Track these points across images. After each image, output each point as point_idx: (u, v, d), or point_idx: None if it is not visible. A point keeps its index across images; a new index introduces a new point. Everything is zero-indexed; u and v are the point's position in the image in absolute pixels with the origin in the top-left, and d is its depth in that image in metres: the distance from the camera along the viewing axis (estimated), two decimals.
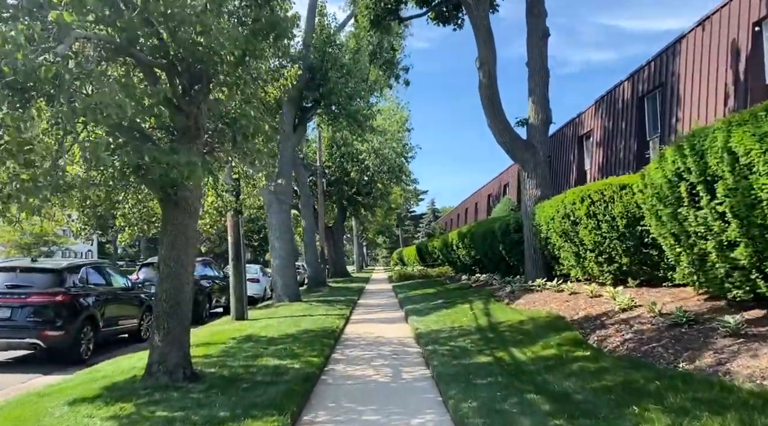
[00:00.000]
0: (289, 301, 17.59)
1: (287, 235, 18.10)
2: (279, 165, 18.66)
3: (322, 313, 14.53)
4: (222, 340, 10.76)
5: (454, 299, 15.50)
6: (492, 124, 13.67)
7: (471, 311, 12.27)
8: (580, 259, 10.95)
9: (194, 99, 6.66)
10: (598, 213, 9.90)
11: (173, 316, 6.66)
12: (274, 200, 18.09)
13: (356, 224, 62.23)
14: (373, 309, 16.76)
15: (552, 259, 12.81)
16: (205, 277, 17.23)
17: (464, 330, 9.84)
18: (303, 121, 19.92)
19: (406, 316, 13.54)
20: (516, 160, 13.87)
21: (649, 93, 18.14)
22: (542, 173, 13.71)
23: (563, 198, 11.11)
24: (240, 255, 14.45)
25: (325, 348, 9.19)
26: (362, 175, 37.95)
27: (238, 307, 14.30)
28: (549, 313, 9.81)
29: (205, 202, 11.33)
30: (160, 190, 6.58)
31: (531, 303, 11.54)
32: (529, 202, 13.72)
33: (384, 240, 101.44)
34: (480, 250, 18.98)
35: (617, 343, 6.74)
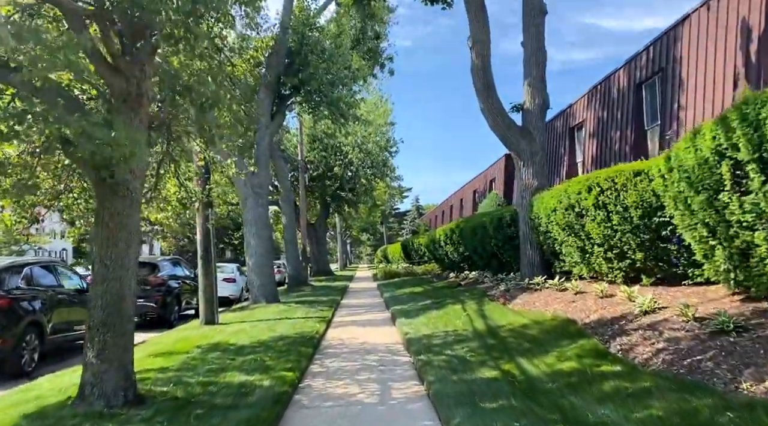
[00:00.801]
0: (266, 303, 16.34)
1: (264, 232, 16.84)
2: (256, 155, 17.41)
3: (301, 316, 13.32)
4: (185, 348, 9.52)
5: (444, 299, 14.38)
6: (485, 108, 12.56)
7: (464, 313, 11.16)
8: (586, 254, 9.89)
9: (136, 58, 5.41)
10: (608, 203, 8.83)
11: (111, 328, 5.42)
12: (250, 194, 16.81)
13: (340, 221, 60.96)
14: (358, 310, 15.58)
15: (551, 255, 11.74)
16: (174, 277, 15.90)
17: (460, 335, 8.71)
18: (281, 109, 18.63)
19: (394, 318, 12.39)
20: (511, 149, 12.78)
21: (647, 80, 17.19)
22: (539, 162, 12.64)
23: (566, 187, 10.04)
24: (209, 253, 13.17)
25: (301, 358, 8.00)
26: (346, 170, 36.72)
27: (207, 310, 13.02)
28: (555, 315, 8.72)
29: (166, 192, 10.05)
30: (92, 172, 5.33)
31: (530, 303, 10.46)
32: (525, 194, 12.64)
33: (368, 237, 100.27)
34: (469, 247, 17.90)
35: (648, 354, 5.64)
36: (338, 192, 38.07)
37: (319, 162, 35.88)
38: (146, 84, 5.49)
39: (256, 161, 17.28)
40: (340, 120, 18.65)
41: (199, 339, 10.60)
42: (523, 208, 12.70)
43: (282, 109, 18.75)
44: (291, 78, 17.64)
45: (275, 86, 17.73)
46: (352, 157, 35.43)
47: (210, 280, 13.14)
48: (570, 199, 9.80)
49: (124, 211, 5.47)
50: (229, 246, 66.03)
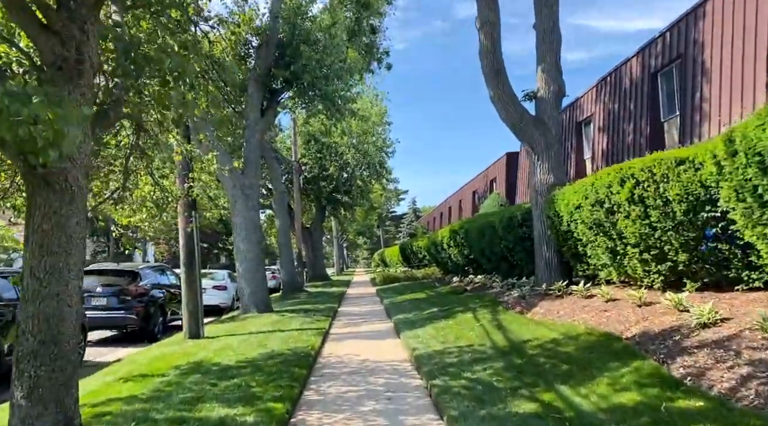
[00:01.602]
0: (257, 312, 15.12)
1: (255, 236, 15.63)
2: (245, 154, 16.25)
3: (295, 327, 12.11)
4: (162, 370, 8.31)
5: (452, 306, 13.20)
6: (495, 96, 11.41)
7: (477, 323, 9.98)
8: (617, 256, 8.72)
9: (76, 15, 4.22)
10: (645, 197, 7.68)
11: (46, 359, 4.20)
12: (239, 195, 15.60)
13: (335, 224, 59.75)
14: (357, 319, 14.38)
15: (572, 258, 10.58)
16: (158, 285, 14.66)
17: (477, 351, 7.52)
18: (272, 105, 17.45)
19: (397, 330, 11.20)
20: (524, 140, 11.63)
21: (663, 68, 16.09)
22: (555, 155, 11.49)
23: (593, 180, 8.88)
24: (193, 260, 11.95)
25: (294, 383, 6.79)
26: (341, 172, 35.52)
27: (191, 323, 11.80)
28: (589, 328, 7.54)
29: (140, 192, 8.85)
30: (17, 157, 4.13)
31: (553, 313, 9.28)
32: (540, 190, 11.49)
33: (364, 241, 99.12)
34: (476, 249, 16.73)
35: (731, 382, 4.48)
36: (334, 194, 36.89)
37: (314, 163, 34.69)
38: (88, 48, 4.29)
39: (246, 160, 16.10)
40: (336, 115, 17.47)
41: (179, 357, 9.39)
42: (537, 205, 11.55)
43: (273, 104, 17.57)
44: (282, 71, 16.46)
45: (265, 80, 16.55)
46: (347, 157, 34.25)
47: (194, 290, 11.92)
48: (598, 193, 8.64)
49: (62, 210, 4.26)
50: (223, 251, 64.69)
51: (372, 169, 37.49)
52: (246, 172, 15.95)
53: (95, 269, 14.79)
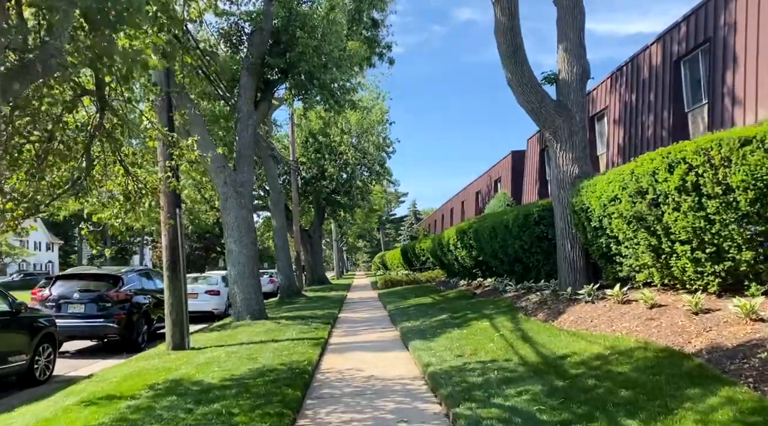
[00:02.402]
0: (251, 320, 13.91)
1: (248, 237, 14.42)
2: (237, 148, 15.09)
3: (291, 337, 10.91)
4: (134, 389, 7.12)
5: (463, 313, 12.01)
6: (513, 79, 10.24)
7: (497, 333, 8.78)
8: (661, 255, 7.53)
9: None
10: (702, 185, 6.49)
11: None
12: (231, 193, 14.41)
13: (335, 227, 58.56)
14: (358, 327, 13.17)
15: (602, 258, 9.37)
16: (143, 291, 13.47)
17: (505, 368, 6.33)
18: (267, 97, 16.28)
19: (405, 340, 10.00)
20: (545, 128, 10.46)
21: (687, 54, 14.93)
22: (580, 143, 10.31)
23: (633, 167, 7.69)
24: (177, 263, 10.76)
25: (286, 411, 5.59)
26: (341, 172, 34.35)
27: (175, 333, 10.60)
28: (639, 340, 6.33)
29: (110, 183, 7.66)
30: None
31: (585, 321, 8.09)
32: (563, 183, 10.30)
33: (365, 244, 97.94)
34: (486, 250, 15.53)
35: None
36: (333, 195, 35.72)
37: (313, 163, 33.51)
38: None
39: (238, 156, 14.93)
40: (335, 107, 16.29)
41: (157, 373, 8.19)
42: (560, 200, 10.36)
43: (267, 96, 16.40)
44: (277, 59, 15.29)
45: (259, 69, 15.38)
46: (347, 157, 33.07)
47: (178, 297, 10.72)
48: (640, 182, 7.45)
49: None
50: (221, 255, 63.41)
51: (372, 169, 36.34)
52: (238, 168, 14.77)
53: (73, 274, 13.59)
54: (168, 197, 10.77)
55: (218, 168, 14.47)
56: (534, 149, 28.16)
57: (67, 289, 12.65)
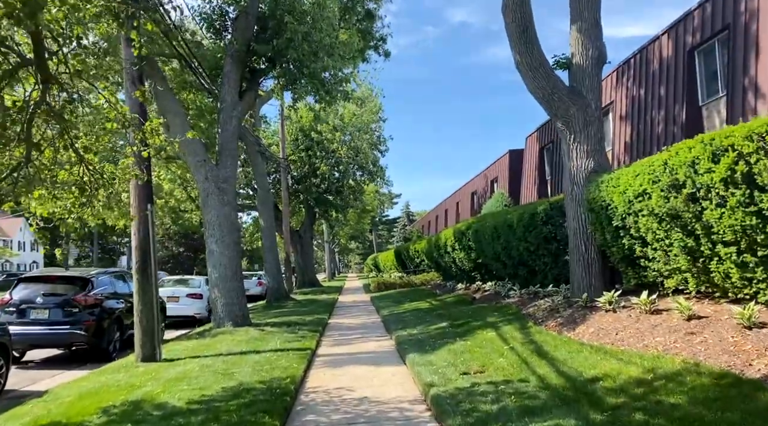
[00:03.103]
0: (232, 326, 12.81)
1: (231, 236, 13.33)
2: (219, 141, 14.01)
3: (275, 348, 9.85)
4: (86, 413, 6.07)
5: (465, 320, 10.98)
6: (522, 61, 9.23)
7: (506, 345, 7.75)
8: (699, 258, 6.53)
9: None
10: (757, 173, 5.50)
11: None
12: (212, 189, 13.32)
13: (327, 228, 57.44)
14: (350, 335, 12.11)
15: (623, 261, 8.36)
16: (116, 295, 12.34)
17: (523, 393, 5.30)
18: (253, 86, 15.19)
19: (401, 351, 8.96)
20: (557, 117, 9.45)
21: (702, 44, 14.02)
22: (596, 134, 9.31)
23: (666, 158, 6.69)
24: (148, 264, 9.66)
25: None
26: (333, 170, 33.26)
27: (145, 343, 9.50)
28: (688, 361, 5.30)
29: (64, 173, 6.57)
30: None
31: (609, 333, 7.08)
32: (577, 178, 9.30)
33: (357, 245, 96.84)
34: (487, 252, 14.52)
35: None
36: (324, 195, 34.62)
37: (304, 161, 32.40)
38: None
39: (221, 149, 13.84)
40: (326, 98, 15.22)
41: (117, 392, 7.12)
42: (573, 197, 9.36)
43: (254, 86, 15.31)
44: (264, 46, 14.22)
45: (244, 56, 14.30)
46: (340, 154, 31.98)
47: (149, 302, 9.62)
48: (675, 174, 6.45)
49: None
50: None
51: (365, 168, 35.27)
52: (221, 162, 13.68)
53: (37, 276, 12.44)
54: (138, 191, 9.69)
55: (198, 162, 13.39)
56: (533, 148, 27.23)
57: (30, 293, 11.50)
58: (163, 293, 18.15)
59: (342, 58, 15.64)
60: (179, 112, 13.62)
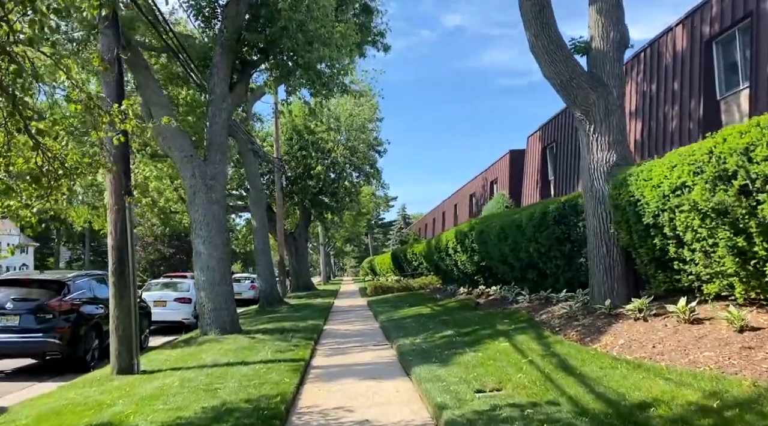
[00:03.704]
0: (221, 333, 11.91)
1: (218, 237, 12.44)
2: (208, 136, 13.12)
3: (265, 358, 8.97)
4: None
5: (472, 328, 10.11)
6: (537, 43, 8.41)
7: (524, 358, 6.89)
8: (751, 260, 5.69)
9: None
10: None
11: None
12: (199, 187, 12.43)
13: (322, 230, 56.52)
14: (347, 343, 11.23)
15: (653, 263, 7.52)
16: (95, 300, 11.43)
17: (556, 420, 4.44)
18: (244, 79, 14.33)
19: (405, 363, 8.09)
20: (575, 105, 8.63)
21: (721, 34, 13.26)
22: (618, 125, 8.49)
23: (712, 145, 5.85)
24: (125, 266, 8.77)
25: None
26: (328, 171, 32.38)
27: (121, 353, 8.61)
28: (760, 384, 4.45)
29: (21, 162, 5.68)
30: None
31: (644, 346, 6.22)
32: (597, 172, 8.48)
33: (352, 248, 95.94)
34: (493, 254, 13.68)
35: None
36: (319, 196, 33.73)
37: (298, 162, 31.50)
38: None
39: (209, 144, 12.96)
40: (322, 91, 14.37)
41: (84, 411, 6.24)
42: (593, 194, 8.53)
43: (245, 78, 14.46)
44: (256, 35, 13.37)
45: (234, 46, 13.44)
46: (336, 154, 31.11)
47: (127, 309, 8.73)
48: (723, 163, 5.62)
49: None
50: None
51: (362, 169, 34.39)
52: (209, 157, 12.80)
53: (7, 279, 11.51)
54: (115, 185, 8.81)
55: (185, 158, 12.50)
56: (535, 148, 26.46)
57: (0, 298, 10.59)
58: (149, 297, 17.29)
59: (339, 48, 14.78)
60: (165, 105, 12.75)
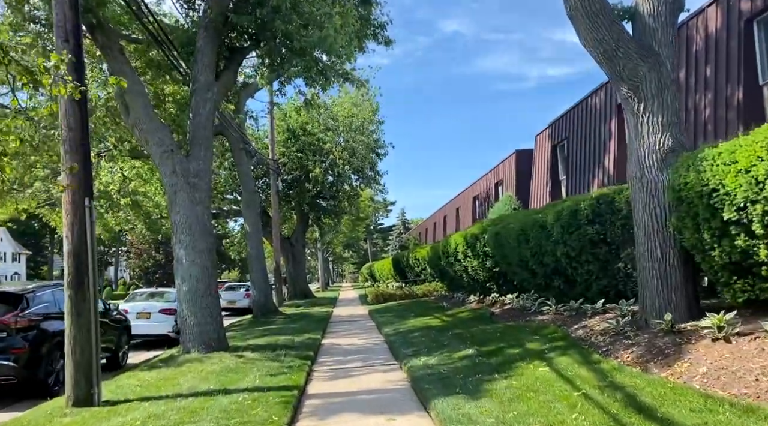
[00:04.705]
0: (205, 351, 10.44)
1: (203, 242, 10.98)
2: (191, 129, 11.73)
3: (252, 385, 7.51)
4: None
5: (495, 345, 8.64)
6: (578, 5, 7.02)
7: (575, 391, 5.45)
8: None
9: None
10: None
11: None
12: (181, 185, 11.00)
13: (320, 235, 55.05)
14: (349, 363, 9.74)
15: (727, 268, 6.08)
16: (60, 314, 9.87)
17: None
18: (232, 66, 12.90)
19: (419, 390, 6.64)
20: (621, 80, 7.23)
21: (763, 11, 11.89)
22: (672, 103, 7.11)
23: None
24: (84, 276, 7.31)
25: None
26: (327, 174, 30.94)
27: (79, 381, 7.14)
28: None
29: None
30: None
31: (742, 377, 4.80)
32: (648, 159, 7.07)
33: (351, 254, 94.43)
34: (511, 259, 12.24)
35: None
36: (317, 200, 32.29)
37: (295, 163, 30.06)
38: None
39: (192, 138, 11.53)
40: (320, 80, 12.95)
41: None
42: (644, 185, 7.12)
43: (233, 66, 13.03)
44: (245, 17, 11.94)
45: (221, 28, 12.05)
46: (334, 156, 29.68)
47: (85, 327, 7.26)
48: None
49: None
50: None
51: (362, 172, 32.92)
52: (192, 153, 11.37)
53: None
54: (71, 179, 7.37)
55: (164, 153, 11.07)
56: (544, 146, 25.07)
57: None
58: (132, 309, 15.82)
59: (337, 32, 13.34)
60: (141, 93, 11.34)
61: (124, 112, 11.62)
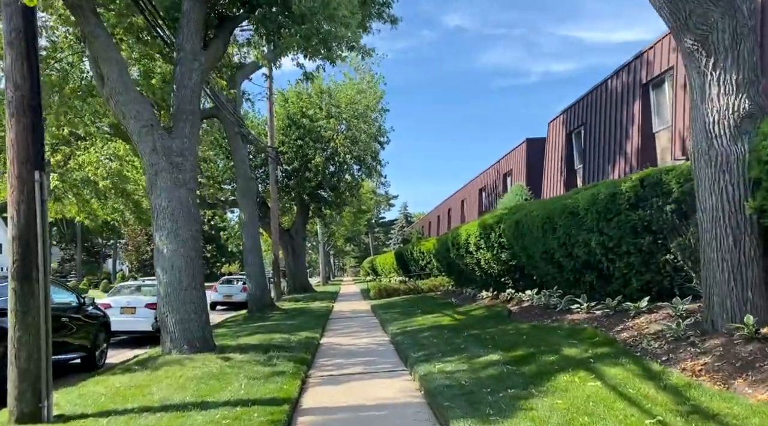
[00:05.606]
0: (188, 351, 9.21)
1: (187, 229, 9.72)
2: (175, 102, 10.44)
3: (235, 396, 6.26)
4: None
5: (526, 351, 7.35)
6: None
7: (648, 419, 4.19)
8: None
9: None
10: None
11: None
12: (163, 165, 9.73)
13: (321, 228, 53.81)
14: (350, 368, 8.48)
15: None
16: None
17: None
18: (222, 35, 11.60)
19: (436, 409, 5.39)
20: (686, 29, 5.94)
21: None
22: (750, 57, 5.83)
23: None
24: (32, 266, 6.04)
25: None
26: (328, 163, 29.65)
27: (25, 392, 5.87)
28: None
29: None
30: None
31: None
32: (718, 126, 5.80)
33: (352, 248, 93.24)
34: (532, 251, 10.95)
35: None
36: (318, 191, 31.01)
37: (296, 152, 28.77)
38: None
39: (176, 113, 10.25)
40: (322, 51, 11.62)
41: None
42: (712, 158, 5.83)
43: (223, 35, 11.72)
44: None
45: None
46: (336, 144, 28.38)
47: (34, 327, 6.00)
48: None
49: None
50: None
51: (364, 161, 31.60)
52: (175, 129, 10.09)
53: None
54: (16, 147, 6.09)
55: (144, 128, 9.77)
56: (558, 134, 23.74)
57: None
58: (116, 303, 14.62)
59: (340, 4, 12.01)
60: (118, 60, 10.04)
61: (99, 82, 10.35)
